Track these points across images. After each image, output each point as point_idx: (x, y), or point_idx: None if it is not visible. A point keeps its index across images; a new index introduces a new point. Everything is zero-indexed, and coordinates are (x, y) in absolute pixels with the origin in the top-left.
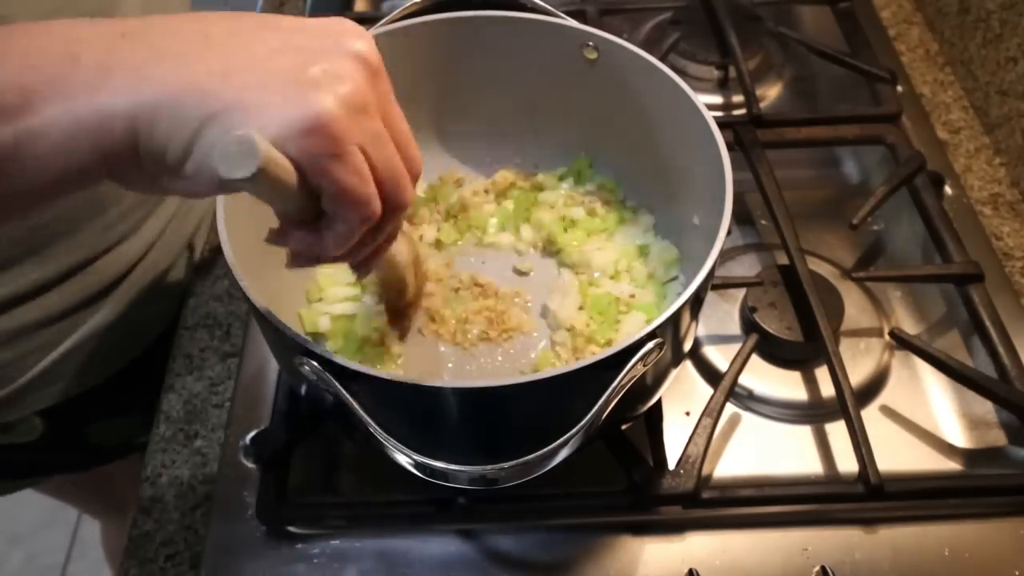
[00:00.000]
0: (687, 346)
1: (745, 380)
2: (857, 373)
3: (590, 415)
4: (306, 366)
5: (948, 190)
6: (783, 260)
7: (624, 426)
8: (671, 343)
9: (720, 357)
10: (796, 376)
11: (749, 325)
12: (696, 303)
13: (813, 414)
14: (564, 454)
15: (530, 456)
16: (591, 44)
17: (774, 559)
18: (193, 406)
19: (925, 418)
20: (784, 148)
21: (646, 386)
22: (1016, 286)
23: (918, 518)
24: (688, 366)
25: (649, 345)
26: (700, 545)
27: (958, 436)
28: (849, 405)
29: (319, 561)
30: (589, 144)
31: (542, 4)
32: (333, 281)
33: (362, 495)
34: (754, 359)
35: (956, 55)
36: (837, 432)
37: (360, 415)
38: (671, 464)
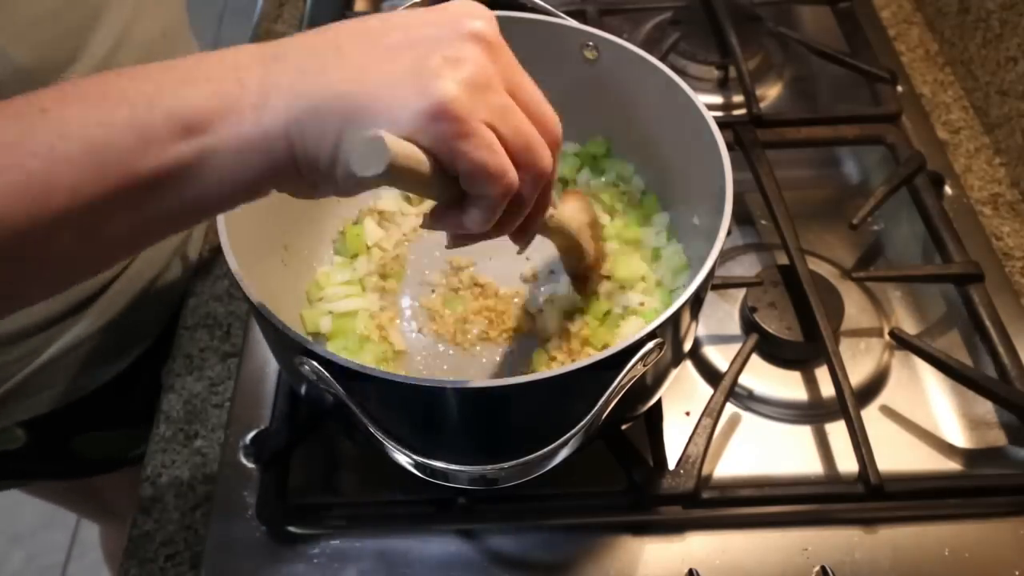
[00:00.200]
0: (687, 346)
1: (745, 380)
2: (857, 373)
3: (590, 415)
4: (306, 366)
5: (948, 190)
6: (783, 260)
7: (624, 426)
8: (671, 343)
9: (720, 357)
10: (796, 376)
11: (749, 325)
12: (696, 303)
13: (813, 414)
14: (564, 454)
15: (530, 456)
16: (591, 44)
17: (774, 559)
18: (193, 406)
19: (925, 418)
20: (784, 148)
21: (646, 386)
22: (1016, 286)
23: (918, 518)
24: (688, 366)
25: (649, 345)
26: (700, 545)
27: (958, 436)
28: (849, 405)
29: (319, 561)
30: (588, 144)
31: (542, 4)
32: (331, 280)
33: (362, 495)
34: (754, 359)
35: (956, 55)
36: (837, 432)
37: (360, 415)
38: (671, 464)
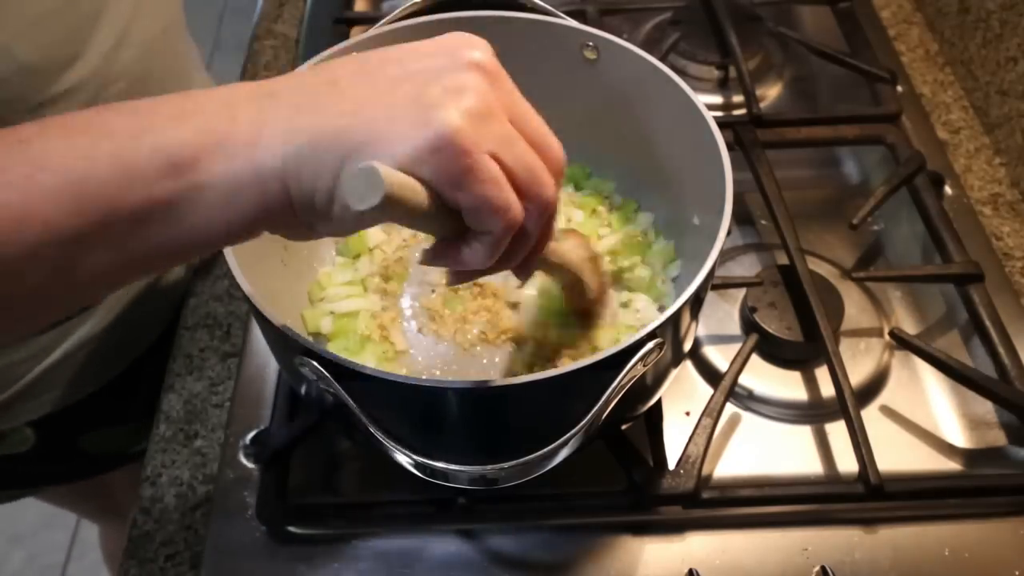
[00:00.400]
0: (687, 346)
1: (745, 380)
2: (857, 373)
3: (590, 415)
4: (306, 366)
5: (948, 190)
6: (783, 260)
7: (624, 426)
8: (671, 343)
9: (720, 357)
10: (796, 376)
11: (749, 325)
12: (696, 303)
13: (813, 414)
14: (564, 454)
15: (530, 456)
16: (591, 44)
17: (774, 559)
18: (193, 406)
19: (925, 418)
20: (784, 148)
21: (646, 386)
22: (1016, 286)
23: (918, 518)
24: (688, 366)
25: (649, 345)
26: (700, 545)
27: (958, 436)
28: (849, 405)
29: (319, 561)
30: (589, 144)
31: (542, 4)
32: (333, 280)
33: (362, 495)
34: (754, 359)
35: (956, 55)
36: (837, 432)
37: (360, 415)
38: (671, 464)
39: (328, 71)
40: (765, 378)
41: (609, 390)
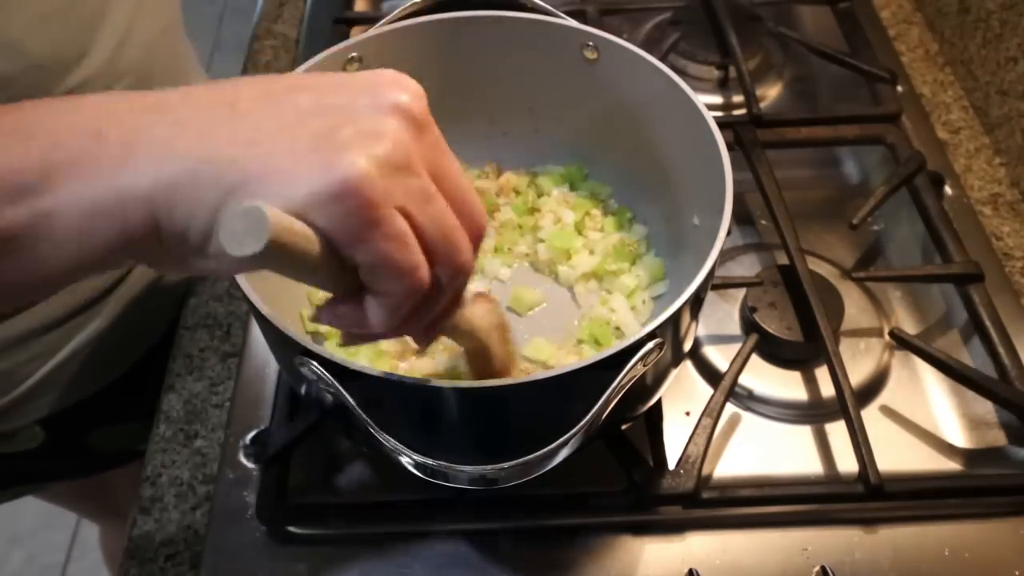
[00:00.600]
0: (687, 346)
1: (745, 380)
2: (857, 373)
3: (590, 415)
4: (306, 366)
5: (948, 190)
6: (783, 260)
7: (624, 426)
8: (671, 343)
9: (720, 357)
10: (796, 376)
11: (749, 325)
12: (696, 303)
13: (813, 414)
14: (564, 454)
15: (530, 456)
16: (591, 44)
17: (774, 559)
18: (193, 406)
19: (925, 418)
20: (784, 148)
21: (646, 386)
22: (1016, 286)
23: (918, 518)
24: (688, 366)
25: (649, 345)
26: (700, 545)
27: (958, 436)
28: (849, 405)
29: (319, 561)
30: (589, 144)
31: (542, 4)
32: None
33: (362, 495)
34: (754, 359)
35: (956, 55)
36: (837, 432)
37: (360, 415)
38: (671, 464)
39: (229, 90)
40: (765, 378)
41: (609, 390)
